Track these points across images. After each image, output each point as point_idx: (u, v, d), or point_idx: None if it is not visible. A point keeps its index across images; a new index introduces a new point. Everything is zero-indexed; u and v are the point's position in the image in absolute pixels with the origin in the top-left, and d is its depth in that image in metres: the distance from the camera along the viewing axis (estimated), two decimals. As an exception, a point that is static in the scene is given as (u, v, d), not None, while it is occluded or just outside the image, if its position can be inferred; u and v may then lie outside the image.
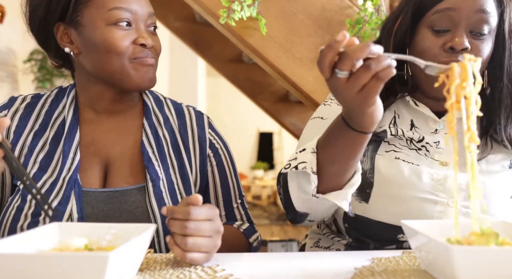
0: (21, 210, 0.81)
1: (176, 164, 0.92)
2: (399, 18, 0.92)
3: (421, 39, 0.88)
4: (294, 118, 2.82)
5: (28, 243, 0.58)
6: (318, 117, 0.97)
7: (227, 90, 5.94)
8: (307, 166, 0.74)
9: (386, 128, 0.91)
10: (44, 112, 0.92)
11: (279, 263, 0.68)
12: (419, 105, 0.92)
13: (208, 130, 0.99)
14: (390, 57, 0.60)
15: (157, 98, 1.00)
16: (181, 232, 0.63)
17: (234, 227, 0.96)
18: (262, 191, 7.07)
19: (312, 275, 0.62)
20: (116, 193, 0.85)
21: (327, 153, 0.75)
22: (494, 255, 0.52)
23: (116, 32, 0.83)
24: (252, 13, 1.48)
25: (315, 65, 1.73)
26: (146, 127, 0.93)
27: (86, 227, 0.65)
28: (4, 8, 2.82)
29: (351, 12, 1.63)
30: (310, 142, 0.79)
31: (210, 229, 0.65)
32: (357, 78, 0.60)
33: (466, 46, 0.83)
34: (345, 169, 0.75)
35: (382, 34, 0.97)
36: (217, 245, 0.67)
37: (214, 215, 0.67)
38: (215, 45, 2.68)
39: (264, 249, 2.90)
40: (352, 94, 0.62)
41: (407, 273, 0.61)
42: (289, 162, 0.80)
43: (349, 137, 0.71)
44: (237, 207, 1.00)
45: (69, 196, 0.82)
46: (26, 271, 0.50)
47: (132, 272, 0.60)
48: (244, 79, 2.81)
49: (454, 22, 0.84)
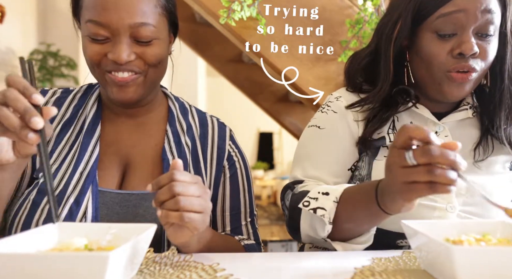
0: (38, 204, 0.79)
1: (193, 173, 0.90)
2: (398, 24, 0.88)
3: (426, 44, 0.85)
4: (294, 118, 2.82)
5: (28, 243, 0.58)
6: (315, 126, 0.95)
7: (227, 90, 5.94)
8: (326, 215, 0.74)
9: (385, 135, 0.90)
10: (72, 107, 0.92)
11: (279, 263, 0.68)
12: (418, 107, 0.91)
13: (229, 142, 0.97)
14: (462, 179, 0.57)
15: (183, 106, 0.99)
16: (170, 193, 0.64)
17: (235, 239, 0.92)
18: (262, 191, 7.07)
19: (312, 275, 0.62)
20: (132, 196, 0.84)
21: (346, 210, 0.74)
22: (494, 255, 0.52)
23: (89, 44, 0.82)
24: (252, 13, 1.48)
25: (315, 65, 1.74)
26: (169, 134, 0.92)
27: (86, 227, 0.65)
28: (4, 8, 2.82)
29: (351, 12, 1.63)
30: (337, 189, 0.77)
31: (198, 190, 0.66)
32: (417, 173, 0.57)
33: (476, 51, 0.81)
34: (359, 230, 0.76)
35: (380, 40, 0.93)
36: (209, 206, 0.69)
37: (198, 180, 0.68)
38: (215, 45, 2.68)
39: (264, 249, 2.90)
40: (401, 180, 0.59)
41: (407, 273, 0.61)
42: (308, 199, 0.78)
43: (373, 210, 0.70)
44: (245, 224, 0.96)
45: (85, 193, 0.80)
46: (26, 271, 0.50)
47: (132, 272, 0.60)
48: (244, 79, 2.81)
49: (461, 25, 0.81)
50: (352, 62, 1.00)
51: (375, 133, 0.90)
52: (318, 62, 1.64)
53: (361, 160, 0.91)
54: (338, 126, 0.93)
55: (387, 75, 0.90)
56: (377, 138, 0.90)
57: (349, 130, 0.92)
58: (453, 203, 0.84)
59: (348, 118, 0.93)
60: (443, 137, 0.89)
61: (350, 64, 1.01)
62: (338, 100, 0.96)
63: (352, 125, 0.92)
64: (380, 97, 0.91)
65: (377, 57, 0.94)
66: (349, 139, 0.92)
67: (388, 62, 0.90)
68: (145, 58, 0.83)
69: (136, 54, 0.82)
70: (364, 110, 0.93)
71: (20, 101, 0.62)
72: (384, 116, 0.90)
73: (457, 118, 0.91)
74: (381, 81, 0.91)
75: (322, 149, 0.91)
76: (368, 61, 0.96)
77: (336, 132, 0.92)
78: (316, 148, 0.92)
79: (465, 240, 0.59)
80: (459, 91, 0.85)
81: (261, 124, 7.92)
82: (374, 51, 0.95)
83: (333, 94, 1.00)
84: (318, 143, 0.92)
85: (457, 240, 0.60)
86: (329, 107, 0.97)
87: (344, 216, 0.74)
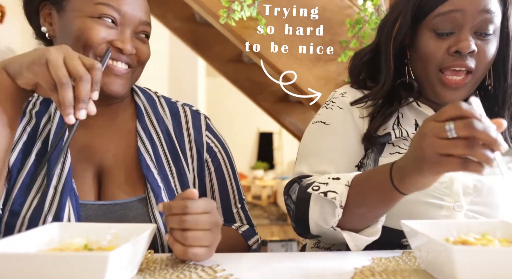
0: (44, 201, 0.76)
1: (175, 169, 0.88)
2: (397, 21, 0.89)
3: (424, 43, 0.86)
4: (294, 118, 2.82)
5: (28, 243, 0.58)
6: (320, 122, 0.94)
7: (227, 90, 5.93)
8: (337, 198, 0.72)
9: (390, 131, 0.89)
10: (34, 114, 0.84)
11: (279, 263, 0.68)
12: (421, 106, 0.92)
13: (206, 133, 0.94)
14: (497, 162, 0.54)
15: (150, 97, 0.94)
16: (180, 226, 0.62)
17: (233, 228, 0.92)
18: (262, 191, 7.06)
19: (312, 275, 0.62)
20: (115, 206, 0.80)
21: (358, 194, 0.72)
22: (494, 255, 0.52)
23: (96, 25, 0.78)
24: (252, 13, 1.48)
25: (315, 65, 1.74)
26: (140, 131, 0.87)
27: (86, 227, 0.65)
28: (4, 8, 2.82)
29: (351, 12, 1.64)
30: (348, 174, 0.75)
31: (209, 222, 0.63)
32: (455, 146, 0.54)
33: (473, 49, 0.81)
34: (370, 216, 0.74)
35: (381, 37, 0.95)
36: (218, 238, 0.66)
37: (211, 208, 0.65)
38: (215, 45, 2.68)
39: (264, 249, 2.90)
40: (436, 151, 0.56)
41: (407, 273, 0.61)
42: (318, 184, 0.76)
43: (387, 190, 0.68)
44: (237, 211, 0.96)
45: (63, 208, 0.75)
46: (26, 271, 0.50)
47: (132, 272, 0.60)
48: (244, 79, 2.81)
49: (458, 24, 0.82)
50: (355, 59, 1.01)
51: (380, 129, 0.89)
52: (318, 62, 1.64)
53: (366, 157, 0.91)
54: (345, 122, 0.92)
55: (388, 72, 0.91)
56: (382, 134, 0.89)
57: (355, 126, 0.91)
58: (461, 202, 0.83)
59: (354, 114, 0.92)
60: None
61: (353, 60, 1.02)
62: (344, 96, 0.96)
63: (358, 121, 0.92)
64: (383, 93, 0.91)
65: (378, 54, 0.95)
66: (356, 135, 0.91)
67: (389, 59, 0.91)
68: (140, 55, 0.84)
69: (136, 48, 0.83)
70: (368, 106, 0.93)
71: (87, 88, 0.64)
72: (388, 111, 0.90)
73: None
74: (383, 78, 0.92)
75: (329, 144, 0.90)
76: (370, 57, 0.97)
77: (342, 127, 0.91)
78: (322, 144, 0.90)
79: (465, 240, 0.59)
80: (453, 95, 0.85)
81: (261, 124, 7.91)
82: (375, 48, 0.96)
83: (337, 91, 0.99)
84: (324, 139, 0.91)
85: (457, 240, 0.60)
86: (334, 103, 0.96)
87: (356, 200, 0.72)
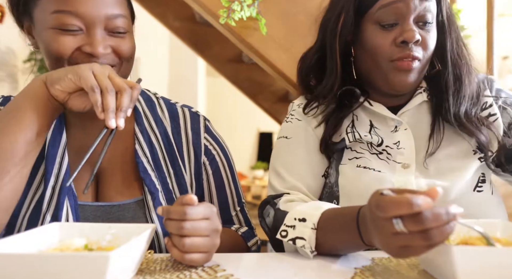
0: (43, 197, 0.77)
1: (172, 172, 0.87)
2: (341, 17, 0.88)
3: (370, 36, 0.85)
4: (294, 118, 2.81)
5: (28, 243, 0.58)
6: (283, 137, 0.95)
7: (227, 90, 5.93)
8: (306, 246, 0.70)
9: (344, 136, 0.89)
10: None
11: (279, 263, 0.68)
12: (373, 105, 0.91)
13: (204, 135, 0.93)
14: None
15: (149, 99, 0.93)
16: (178, 232, 0.61)
17: (232, 230, 0.92)
18: (262, 191, 7.06)
19: (312, 275, 0.62)
20: (113, 208, 0.81)
21: (327, 238, 0.70)
22: (494, 255, 0.52)
23: (58, 36, 0.74)
24: (252, 13, 1.48)
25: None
26: (138, 134, 0.86)
27: (86, 227, 0.65)
28: (4, 8, 2.81)
29: (351, 12, 1.63)
30: (313, 214, 0.73)
31: (208, 228, 0.63)
32: (412, 239, 0.50)
33: (418, 38, 0.82)
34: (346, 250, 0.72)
35: (325, 36, 0.93)
36: (216, 244, 0.66)
37: (211, 214, 0.65)
38: (215, 45, 2.68)
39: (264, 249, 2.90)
40: (395, 244, 0.53)
41: (407, 273, 0.61)
42: (285, 227, 0.75)
43: (356, 242, 0.65)
44: (235, 214, 0.96)
45: (61, 208, 0.76)
46: (26, 271, 0.50)
47: (132, 272, 0.60)
48: (244, 79, 2.81)
49: (401, 15, 0.82)
50: (302, 62, 1.00)
51: (336, 135, 0.90)
52: (318, 62, 1.64)
53: (330, 167, 0.91)
54: (304, 133, 0.93)
55: (334, 70, 0.90)
56: (338, 141, 0.90)
57: (315, 136, 0.92)
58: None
59: (312, 124, 0.93)
60: (402, 130, 0.88)
61: (301, 64, 1.00)
62: (300, 108, 0.97)
63: (316, 131, 0.93)
64: (329, 92, 0.90)
65: (324, 53, 0.94)
66: (316, 145, 0.92)
67: (335, 57, 0.90)
68: (120, 52, 0.79)
69: (111, 47, 0.78)
70: (320, 113, 0.93)
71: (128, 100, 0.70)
72: (340, 115, 0.90)
73: (415, 103, 0.90)
74: (327, 76, 0.92)
75: (294, 159, 0.91)
76: (317, 58, 0.96)
77: (304, 140, 0.92)
78: (287, 158, 0.91)
79: (466, 240, 0.59)
80: (405, 79, 0.84)
81: (261, 124, 7.92)
82: (320, 48, 0.95)
83: (294, 102, 1.00)
84: (288, 154, 0.92)
85: (457, 240, 0.60)
86: (292, 116, 0.97)
87: (326, 244, 0.70)
